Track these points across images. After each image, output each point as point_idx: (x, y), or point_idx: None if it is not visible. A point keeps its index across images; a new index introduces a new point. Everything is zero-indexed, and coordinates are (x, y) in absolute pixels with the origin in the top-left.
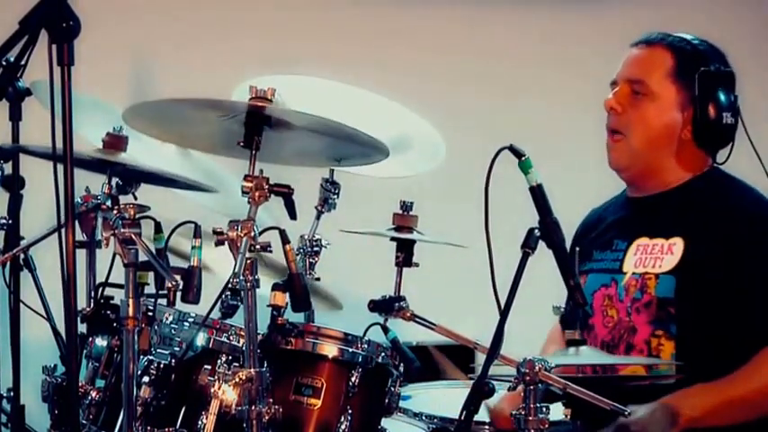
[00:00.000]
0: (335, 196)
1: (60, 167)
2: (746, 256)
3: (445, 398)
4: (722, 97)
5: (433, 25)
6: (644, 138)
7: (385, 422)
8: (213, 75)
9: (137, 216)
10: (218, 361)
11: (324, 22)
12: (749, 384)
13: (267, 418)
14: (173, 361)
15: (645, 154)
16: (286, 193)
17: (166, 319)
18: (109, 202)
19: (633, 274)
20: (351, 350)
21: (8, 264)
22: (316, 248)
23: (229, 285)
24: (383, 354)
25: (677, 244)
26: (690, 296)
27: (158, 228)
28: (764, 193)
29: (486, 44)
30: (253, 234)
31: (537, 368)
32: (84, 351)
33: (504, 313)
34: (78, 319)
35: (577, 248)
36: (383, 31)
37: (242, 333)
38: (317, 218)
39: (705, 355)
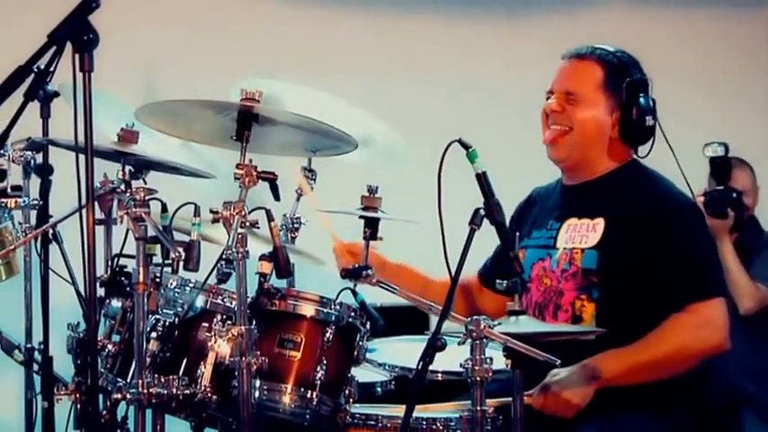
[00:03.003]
0: (312, 181)
1: (82, 157)
2: (656, 235)
3: (405, 350)
4: (643, 102)
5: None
6: (582, 135)
7: (354, 371)
8: (211, 79)
9: (146, 198)
10: (215, 320)
11: (304, 34)
12: (657, 350)
13: (255, 367)
14: (176, 320)
15: (581, 148)
16: (271, 179)
17: (171, 284)
18: (123, 187)
19: (564, 249)
20: (325, 311)
21: (39, 237)
22: (296, 225)
23: (224, 256)
24: (353, 314)
25: (600, 223)
26: (609, 268)
27: (164, 208)
28: (675, 183)
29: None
30: (243, 213)
31: (482, 326)
32: (102, 311)
33: (454, 279)
34: (97, 284)
35: (518, 233)
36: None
37: (234, 296)
38: (297, 199)
39: (621, 318)
